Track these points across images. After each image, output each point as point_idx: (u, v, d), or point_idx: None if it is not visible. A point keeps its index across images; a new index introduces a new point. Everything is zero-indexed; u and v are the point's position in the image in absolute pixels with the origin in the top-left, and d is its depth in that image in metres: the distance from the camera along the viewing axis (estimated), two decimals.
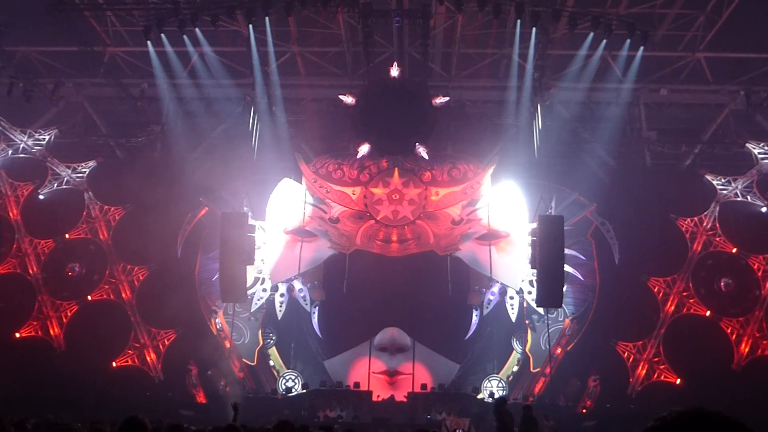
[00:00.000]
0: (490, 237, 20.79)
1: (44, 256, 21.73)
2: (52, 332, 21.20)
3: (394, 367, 20.83)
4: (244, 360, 21.32)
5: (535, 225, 19.21)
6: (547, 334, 20.19)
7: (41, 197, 21.87)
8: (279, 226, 21.27)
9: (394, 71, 20.15)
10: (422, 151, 20.53)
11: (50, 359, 20.37)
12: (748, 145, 21.21)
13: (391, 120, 20.17)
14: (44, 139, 21.85)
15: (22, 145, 21.79)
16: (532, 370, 21.08)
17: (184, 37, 18.94)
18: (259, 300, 21.41)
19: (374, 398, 19.98)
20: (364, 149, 20.74)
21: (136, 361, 21.12)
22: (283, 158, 21.75)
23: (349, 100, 20.33)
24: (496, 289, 21.39)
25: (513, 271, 21.09)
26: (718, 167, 21.67)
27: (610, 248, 21.01)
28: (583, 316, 20.98)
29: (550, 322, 20.29)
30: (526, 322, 21.34)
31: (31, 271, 21.54)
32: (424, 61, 20.10)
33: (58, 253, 21.82)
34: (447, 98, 20.37)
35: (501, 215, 20.96)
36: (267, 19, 18.62)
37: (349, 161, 21.21)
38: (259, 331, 21.58)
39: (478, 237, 21.02)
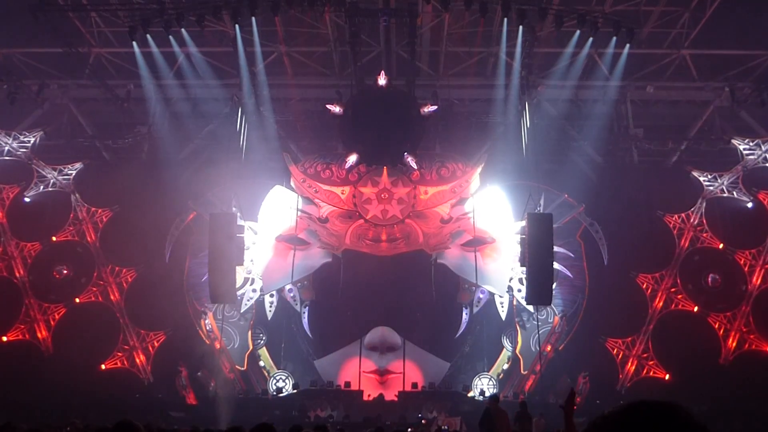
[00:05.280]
0: (476, 243, 20.80)
1: (31, 258, 21.55)
2: (39, 335, 21.03)
3: (384, 366, 20.82)
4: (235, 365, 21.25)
5: (524, 223, 19.24)
6: (537, 335, 20.25)
7: (27, 200, 21.67)
8: (271, 233, 21.16)
9: (382, 80, 19.98)
10: (411, 161, 20.45)
11: (38, 362, 20.22)
12: (733, 141, 21.41)
13: (379, 129, 19.97)
14: (29, 141, 21.65)
15: (7, 148, 21.60)
16: (522, 371, 21.14)
17: (170, 37, 18.84)
18: (248, 301, 21.33)
19: (365, 398, 19.97)
20: (352, 159, 20.59)
21: (125, 363, 21.00)
22: (271, 158, 21.69)
23: (336, 109, 20.07)
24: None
25: (499, 277, 21.08)
26: (704, 163, 21.85)
27: (599, 248, 21.10)
28: (574, 315, 21.06)
29: (539, 323, 20.34)
30: (516, 320, 21.41)
31: (17, 274, 21.34)
32: (412, 60, 20.07)
33: (45, 256, 21.65)
34: (435, 107, 20.16)
35: (487, 221, 20.97)
36: (253, 18, 18.54)
37: (338, 161, 21.15)
38: (249, 334, 21.49)
39: (464, 243, 21.00)
